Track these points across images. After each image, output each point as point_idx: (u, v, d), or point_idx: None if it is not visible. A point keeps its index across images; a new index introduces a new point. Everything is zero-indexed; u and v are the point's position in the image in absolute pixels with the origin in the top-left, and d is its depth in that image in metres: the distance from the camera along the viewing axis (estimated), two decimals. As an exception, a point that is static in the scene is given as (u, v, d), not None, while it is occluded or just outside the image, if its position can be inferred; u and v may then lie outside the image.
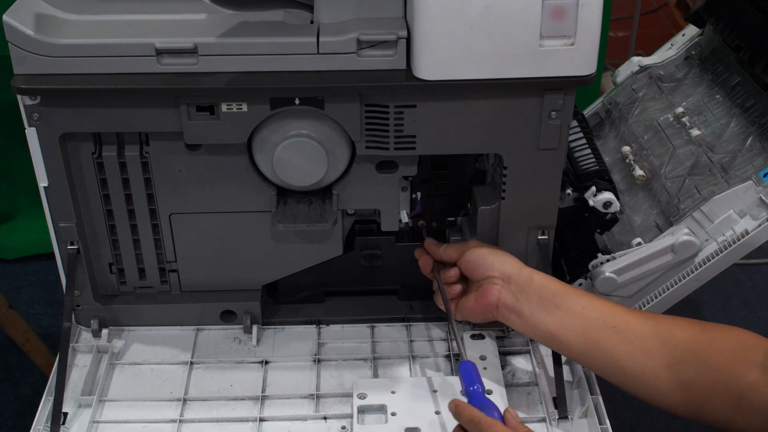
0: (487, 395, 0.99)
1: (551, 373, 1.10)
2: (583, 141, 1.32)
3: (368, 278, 1.25)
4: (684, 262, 1.23)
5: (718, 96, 1.35)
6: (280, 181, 1.08)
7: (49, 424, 1.03)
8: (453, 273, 1.10)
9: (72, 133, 1.05)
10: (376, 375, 1.12)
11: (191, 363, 1.14)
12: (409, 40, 0.98)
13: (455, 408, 0.94)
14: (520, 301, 1.02)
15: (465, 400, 0.97)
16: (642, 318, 0.97)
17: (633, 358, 0.95)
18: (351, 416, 1.04)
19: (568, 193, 1.22)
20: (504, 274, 1.04)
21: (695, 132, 1.30)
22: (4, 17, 0.97)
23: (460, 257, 1.09)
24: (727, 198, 1.18)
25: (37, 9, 1.00)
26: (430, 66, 0.98)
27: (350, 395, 1.07)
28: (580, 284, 1.27)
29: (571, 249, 1.29)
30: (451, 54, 0.96)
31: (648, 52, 1.58)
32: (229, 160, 1.08)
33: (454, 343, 1.15)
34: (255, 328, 1.18)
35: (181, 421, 1.05)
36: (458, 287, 1.10)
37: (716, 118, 1.32)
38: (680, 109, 1.36)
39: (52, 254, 1.13)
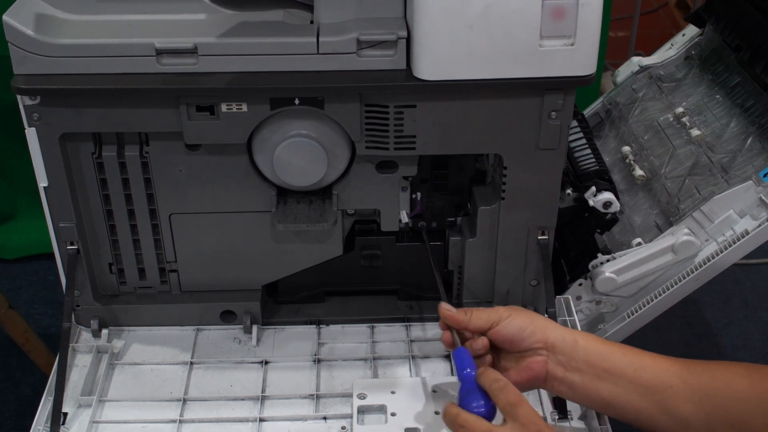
0: None
1: (551, 373, 1.10)
2: (583, 141, 1.32)
3: (368, 278, 1.24)
4: (684, 262, 1.23)
5: (718, 96, 1.35)
6: (280, 181, 1.08)
7: (49, 424, 1.02)
8: (482, 344, 0.98)
9: (72, 133, 1.05)
10: (375, 375, 1.12)
11: (191, 363, 1.14)
12: (409, 40, 0.98)
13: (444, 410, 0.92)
14: (570, 371, 0.95)
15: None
16: (698, 370, 0.93)
17: (697, 417, 0.90)
18: (351, 416, 1.04)
19: (568, 193, 1.22)
20: (548, 343, 0.95)
21: (695, 132, 1.30)
22: (4, 17, 0.97)
23: (490, 328, 0.97)
24: (727, 198, 1.18)
25: (37, 9, 1.00)
26: (430, 66, 0.97)
27: (350, 395, 1.07)
28: (580, 284, 1.27)
29: (571, 249, 1.29)
30: (451, 54, 0.96)
31: (648, 52, 1.58)
32: (229, 160, 1.08)
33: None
34: (255, 328, 1.18)
35: (181, 422, 1.05)
36: (488, 359, 0.99)
37: (716, 118, 1.32)
38: (680, 109, 1.36)
39: (52, 254, 1.13)
